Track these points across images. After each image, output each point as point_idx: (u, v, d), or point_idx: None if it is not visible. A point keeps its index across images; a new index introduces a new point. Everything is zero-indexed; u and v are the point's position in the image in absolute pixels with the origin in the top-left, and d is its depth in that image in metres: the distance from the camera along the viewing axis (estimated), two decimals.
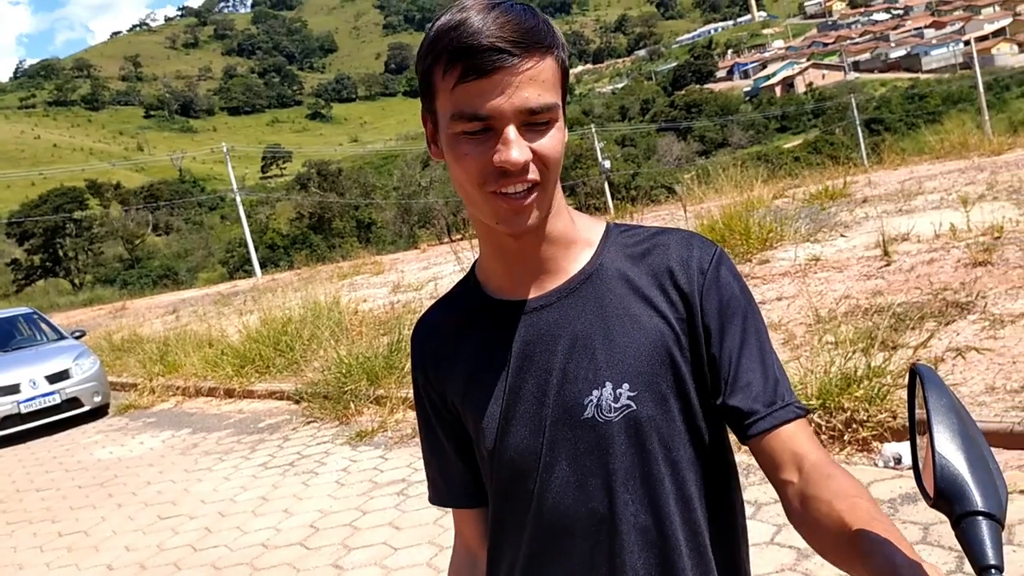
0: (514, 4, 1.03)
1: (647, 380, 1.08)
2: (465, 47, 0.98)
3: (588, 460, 1.10)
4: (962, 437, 0.81)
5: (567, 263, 1.15)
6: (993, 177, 10.24)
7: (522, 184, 1.02)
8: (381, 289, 14.40)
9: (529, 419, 1.12)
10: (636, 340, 1.09)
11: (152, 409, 10.03)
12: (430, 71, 1.04)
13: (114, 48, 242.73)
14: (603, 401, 1.08)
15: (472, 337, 1.18)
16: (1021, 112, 61.64)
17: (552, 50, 1.02)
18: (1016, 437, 3.88)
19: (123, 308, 26.19)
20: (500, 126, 1.00)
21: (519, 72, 0.98)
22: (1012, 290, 5.69)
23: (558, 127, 1.04)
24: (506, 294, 1.16)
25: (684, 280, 1.11)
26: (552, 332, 1.12)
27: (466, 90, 0.99)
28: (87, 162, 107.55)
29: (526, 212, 1.04)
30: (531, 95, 0.99)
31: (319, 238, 54.18)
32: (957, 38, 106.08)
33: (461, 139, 1.02)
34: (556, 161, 1.05)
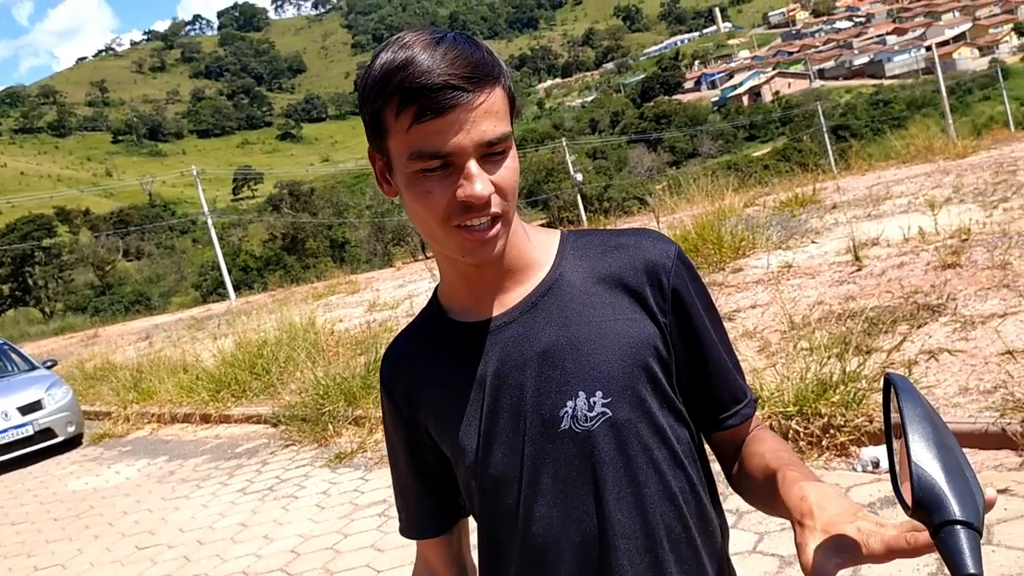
0: (456, 36, 1.03)
1: (621, 384, 1.09)
2: (417, 88, 0.97)
3: (570, 472, 1.10)
4: (938, 446, 0.81)
5: (526, 279, 1.15)
6: (959, 180, 10.40)
7: (486, 217, 1.02)
8: (357, 308, 14.34)
9: (508, 437, 1.12)
10: (604, 345, 1.10)
11: (127, 437, 9.90)
12: (380, 113, 1.02)
13: (80, 74, 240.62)
14: (578, 411, 1.09)
15: (441, 361, 1.18)
16: (984, 115, 62.80)
17: (499, 80, 1.03)
18: (991, 437, 3.93)
19: (95, 336, 25.87)
20: (461, 162, 1.00)
21: (474, 107, 0.99)
22: (981, 291, 5.76)
23: (512, 155, 1.05)
24: (470, 316, 1.17)
25: (644, 278, 1.13)
26: (520, 348, 1.12)
27: (423, 130, 0.99)
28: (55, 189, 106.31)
29: (491, 243, 1.04)
30: (487, 128, 1.00)
31: (293, 259, 53.90)
32: (918, 44, 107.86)
33: (421, 177, 1.02)
34: (514, 190, 1.06)
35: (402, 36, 1.03)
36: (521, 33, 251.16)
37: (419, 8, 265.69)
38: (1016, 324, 4.98)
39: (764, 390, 4.66)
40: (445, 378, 1.17)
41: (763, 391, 4.65)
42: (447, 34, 1.03)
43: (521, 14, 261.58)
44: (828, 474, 4.12)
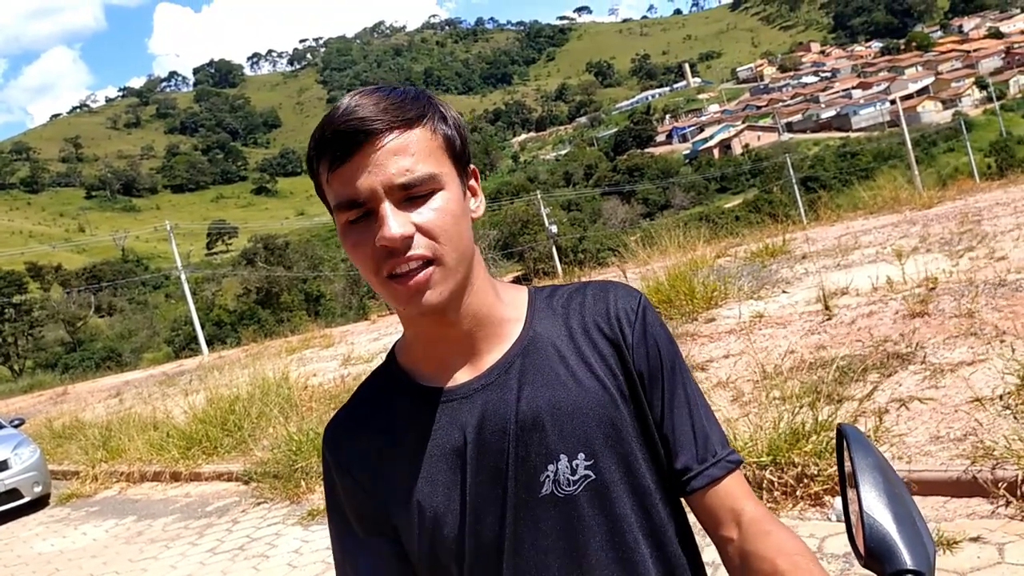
0: (384, 86, 1.03)
1: (603, 444, 1.06)
2: (327, 138, 0.98)
3: (555, 539, 1.06)
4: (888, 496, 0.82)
5: (498, 340, 1.11)
6: (925, 230, 10.59)
7: (413, 262, 0.98)
8: (331, 362, 14.23)
9: (490, 506, 1.07)
10: (583, 405, 1.06)
11: (95, 497, 9.69)
12: (313, 169, 1.04)
13: (54, 130, 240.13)
14: (560, 475, 1.05)
15: (409, 430, 1.11)
16: (949, 166, 64.26)
17: (418, 121, 1.00)
18: (962, 485, 3.95)
19: (64, 393, 25.43)
20: (375, 206, 0.98)
21: (379, 148, 0.97)
22: (949, 340, 5.84)
23: (446, 197, 1.00)
24: (440, 379, 1.11)
25: (613, 333, 1.10)
26: (498, 412, 1.07)
27: (337, 178, 0.99)
28: (27, 245, 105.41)
29: (422, 290, 0.99)
30: (395, 170, 0.97)
31: (267, 313, 53.49)
32: (883, 97, 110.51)
33: (349, 229, 1.01)
34: (448, 232, 1.00)
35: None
36: (495, 88, 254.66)
37: (394, 64, 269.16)
38: (984, 372, 5.04)
39: (738, 440, 4.66)
40: (417, 448, 1.10)
41: (737, 441, 4.66)
42: (374, 87, 1.02)
43: (495, 70, 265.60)
44: (803, 524, 4.12)
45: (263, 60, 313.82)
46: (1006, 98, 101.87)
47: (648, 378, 1.10)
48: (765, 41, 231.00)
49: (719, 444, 1.11)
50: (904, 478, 4.02)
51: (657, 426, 1.10)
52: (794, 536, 1.03)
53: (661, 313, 8.84)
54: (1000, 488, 3.78)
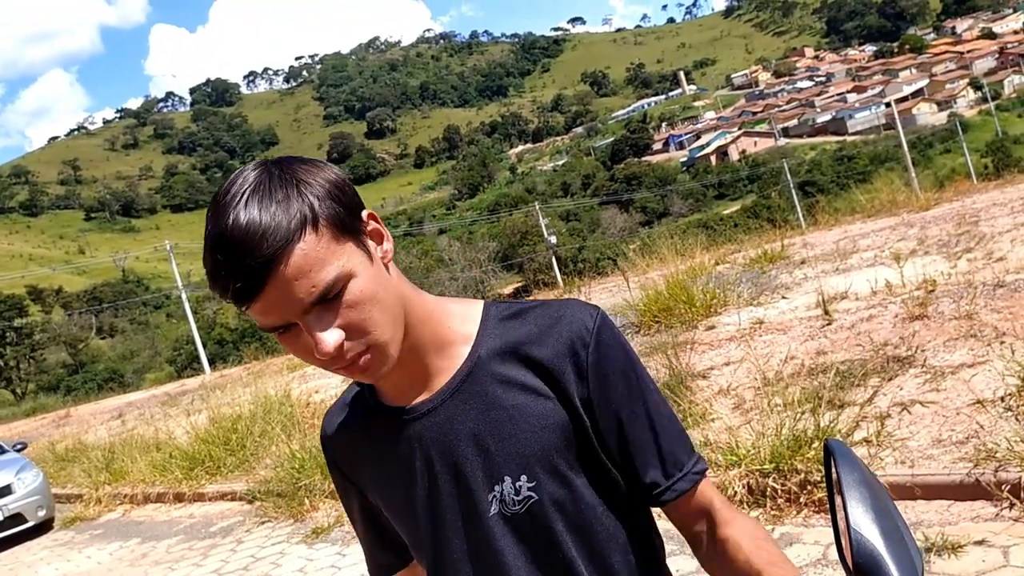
0: (249, 196, 0.95)
1: (545, 466, 1.08)
2: (221, 287, 0.96)
3: (504, 557, 1.10)
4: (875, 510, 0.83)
5: (448, 361, 1.13)
6: (923, 232, 10.59)
7: (351, 357, 1.00)
8: (333, 379, 14.21)
9: (444, 525, 1.13)
10: (526, 428, 1.09)
11: (99, 520, 9.67)
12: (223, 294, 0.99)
13: (52, 153, 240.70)
14: (505, 496, 1.09)
15: (372, 443, 1.19)
16: (946, 167, 64.38)
17: (299, 230, 0.95)
18: (965, 488, 3.94)
19: (67, 416, 25.42)
20: (299, 325, 0.98)
21: (281, 282, 0.94)
22: (949, 342, 5.83)
23: (356, 282, 0.99)
24: (398, 399, 1.16)
25: (563, 355, 1.10)
26: (444, 435, 1.11)
27: (251, 312, 0.98)
28: (27, 268, 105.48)
29: (367, 371, 1.03)
30: (304, 293, 0.95)
31: None
32: (878, 100, 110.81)
33: (283, 340, 1.01)
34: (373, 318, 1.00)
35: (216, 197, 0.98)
36: (491, 101, 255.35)
37: (389, 79, 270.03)
38: (985, 374, 5.03)
39: (740, 448, 4.66)
40: (380, 462, 1.18)
41: (739, 449, 4.65)
42: (240, 197, 0.95)
43: (491, 82, 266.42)
44: (807, 531, 4.11)
45: (259, 78, 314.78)
46: (1001, 98, 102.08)
47: (605, 399, 1.10)
48: (759, 47, 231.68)
49: (685, 455, 1.13)
50: (907, 482, 4.02)
51: (620, 444, 1.12)
52: (757, 523, 1.15)
53: (661, 322, 8.87)
54: (1004, 491, 3.77)
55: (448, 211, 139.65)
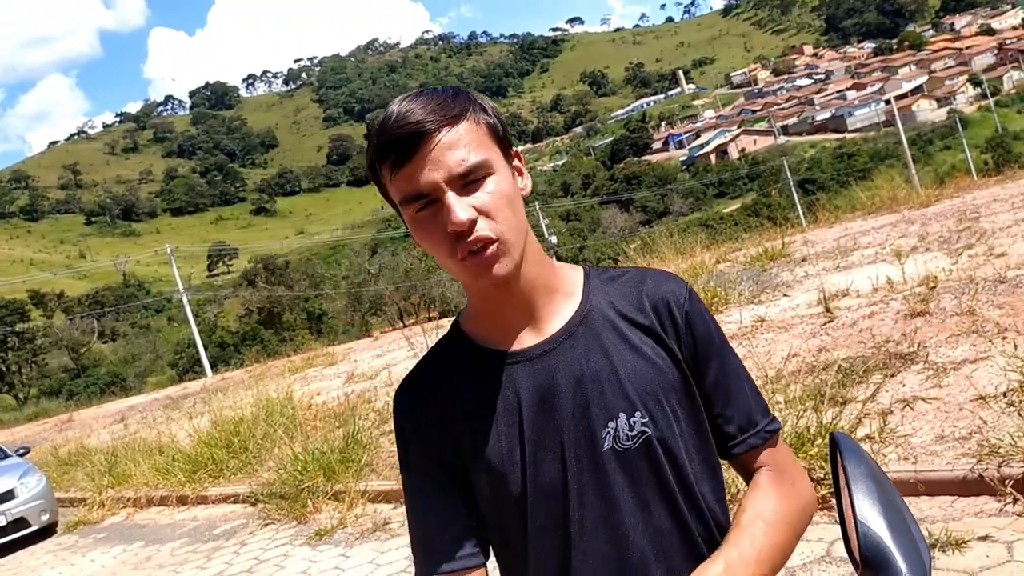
0: (427, 89, 1.16)
1: (656, 405, 1.18)
2: (386, 142, 1.11)
3: (615, 491, 1.17)
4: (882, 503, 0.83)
5: (557, 308, 1.23)
6: (924, 229, 10.59)
7: (479, 242, 1.10)
8: (335, 381, 14.23)
9: (552, 461, 1.18)
10: (639, 369, 1.19)
11: (102, 523, 9.67)
12: (374, 171, 1.17)
13: (52, 158, 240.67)
14: (620, 431, 1.17)
15: (472, 389, 1.22)
16: (946, 164, 64.32)
17: (462, 116, 1.12)
18: (969, 484, 3.94)
19: (69, 420, 25.40)
20: (439, 196, 1.10)
21: (434, 146, 1.09)
22: (951, 338, 5.83)
23: (496, 178, 1.13)
24: (501, 344, 1.23)
25: (668, 313, 1.23)
26: (559, 374, 1.19)
27: (400, 177, 1.11)
28: (28, 273, 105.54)
29: (490, 265, 1.12)
30: (453, 162, 1.09)
31: (270, 333, 53.48)
32: (878, 98, 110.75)
33: (417, 220, 1.13)
34: (504, 209, 1.13)
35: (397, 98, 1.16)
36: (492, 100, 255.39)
37: (389, 81, 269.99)
38: (987, 369, 5.04)
39: None
40: (479, 406, 1.21)
41: None
42: (418, 90, 1.15)
43: (490, 83, 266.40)
44: (811, 528, 4.10)
45: (258, 81, 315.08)
46: (1000, 94, 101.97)
47: (696, 355, 1.23)
48: (758, 45, 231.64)
49: (760, 414, 1.26)
50: (911, 478, 4.02)
51: (706, 397, 1.24)
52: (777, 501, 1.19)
53: None
54: (1007, 486, 3.77)
55: None
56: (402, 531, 6.15)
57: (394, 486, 6.89)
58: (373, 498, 6.94)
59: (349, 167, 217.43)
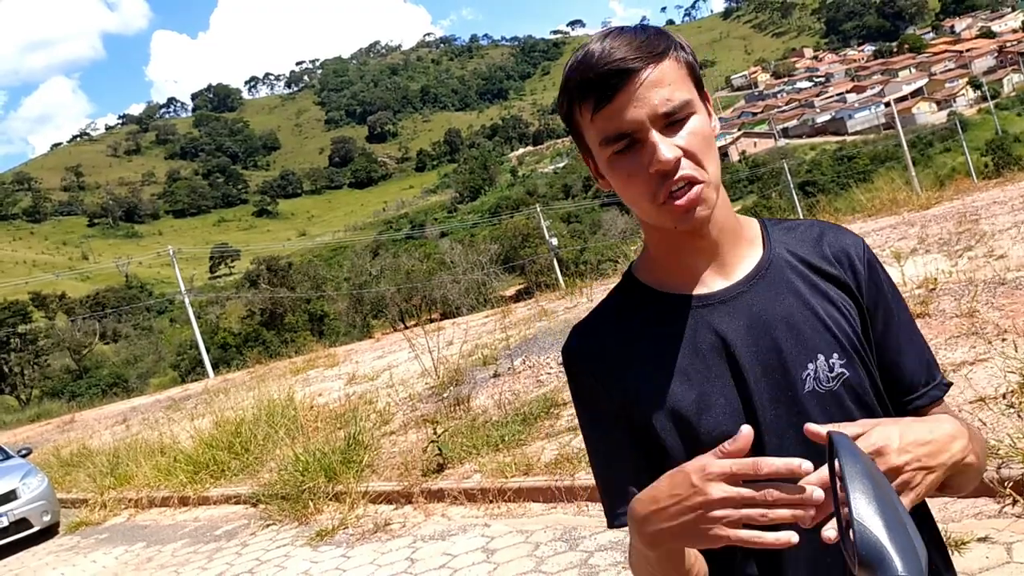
0: (625, 27, 1.13)
1: (850, 348, 1.17)
2: (587, 81, 1.09)
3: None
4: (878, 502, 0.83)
5: (742, 253, 1.22)
6: (924, 231, 10.59)
7: (682, 181, 1.08)
8: (336, 382, 14.24)
9: (754, 400, 1.15)
10: (832, 314, 1.18)
11: (104, 524, 9.69)
12: (570, 112, 1.16)
13: (55, 159, 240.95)
14: (820, 373, 1.15)
15: (656, 335, 1.20)
16: (946, 166, 64.29)
17: (666, 54, 1.10)
18: None
19: (71, 421, 25.41)
20: (643, 136, 1.08)
21: (639, 84, 1.07)
22: (951, 340, 5.85)
23: (698, 118, 1.11)
24: (687, 289, 1.21)
25: (849, 262, 1.23)
26: (754, 316, 1.18)
27: (603, 116, 1.09)
28: (30, 274, 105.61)
29: (693, 207, 1.09)
30: (658, 100, 1.08)
31: (272, 334, 53.47)
32: (878, 100, 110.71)
33: (616, 160, 1.11)
34: (705, 152, 1.11)
35: (592, 37, 1.15)
36: (491, 104, 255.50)
37: (391, 83, 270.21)
38: (986, 371, 5.05)
39: None
40: (666, 350, 1.19)
41: None
42: (617, 28, 1.13)
43: (491, 85, 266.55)
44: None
45: (261, 83, 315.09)
46: (1000, 97, 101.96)
47: (877, 306, 1.22)
48: (758, 48, 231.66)
49: (937, 368, 1.26)
50: None
51: (885, 349, 1.22)
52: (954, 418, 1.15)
53: None
54: (1007, 487, 3.79)
55: (450, 214, 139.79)
56: (403, 532, 6.17)
57: (396, 487, 6.91)
58: (374, 499, 6.97)
59: (351, 169, 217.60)
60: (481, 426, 7.62)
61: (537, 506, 5.83)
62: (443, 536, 5.84)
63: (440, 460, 6.97)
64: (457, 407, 8.60)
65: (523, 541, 5.33)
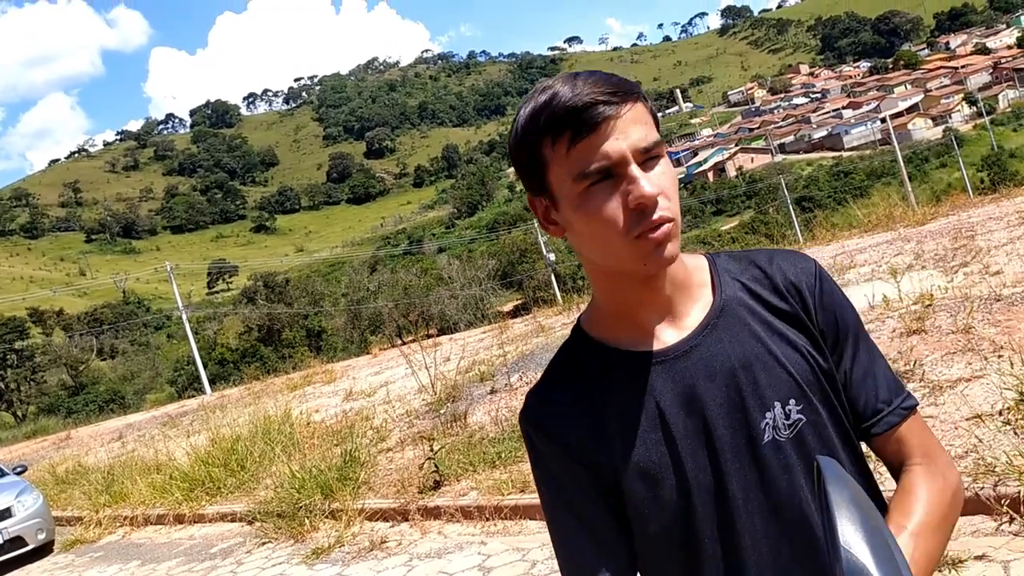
0: (590, 71, 1.13)
1: (806, 392, 1.16)
2: (569, 111, 1.07)
3: (779, 483, 1.15)
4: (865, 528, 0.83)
5: (693, 301, 1.20)
6: (920, 246, 10.61)
7: (660, 221, 1.07)
8: (333, 398, 14.21)
9: (710, 460, 1.14)
10: (786, 356, 1.17)
11: (99, 542, 9.64)
12: (537, 148, 1.11)
13: (53, 176, 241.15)
14: (777, 421, 1.14)
15: (613, 396, 1.18)
16: (943, 182, 64.51)
17: (638, 96, 1.11)
18: (965, 503, 3.92)
19: (67, 438, 25.33)
20: (623, 170, 1.07)
21: (622, 116, 1.07)
22: (947, 356, 5.85)
23: (666, 162, 1.12)
24: (638, 345, 1.18)
25: (799, 294, 1.21)
26: (709, 368, 1.16)
27: (582, 148, 1.07)
28: (27, 290, 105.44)
29: (664, 244, 1.08)
30: (640, 135, 1.08)
31: (269, 350, 53.40)
32: (874, 116, 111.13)
33: (589, 194, 1.08)
34: (674, 193, 1.11)
35: (539, 84, 1.13)
36: (489, 120, 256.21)
37: (388, 99, 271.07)
38: (982, 387, 5.05)
39: None
40: (626, 410, 1.17)
41: None
42: (584, 71, 1.12)
43: (489, 101, 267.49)
44: None
45: (259, 100, 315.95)
46: (996, 113, 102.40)
47: (830, 335, 1.20)
48: (754, 65, 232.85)
49: (895, 392, 1.22)
50: None
51: (841, 377, 1.21)
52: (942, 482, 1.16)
53: None
54: (1003, 505, 3.77)
55: (447, 230, 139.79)
56: (399, 550, 6.14)
57: (392, 504, 6.89)
58: (370, 516, 6.94)
59: (349, 185, 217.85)
60: (478, 443, 7.60)
61: (534, 524, 5.81)
62: (439, 554, 5.82)
63: (437, 477, 6.95)
64: (454, 424, 8.58)
65: (520, 559, 5.31)
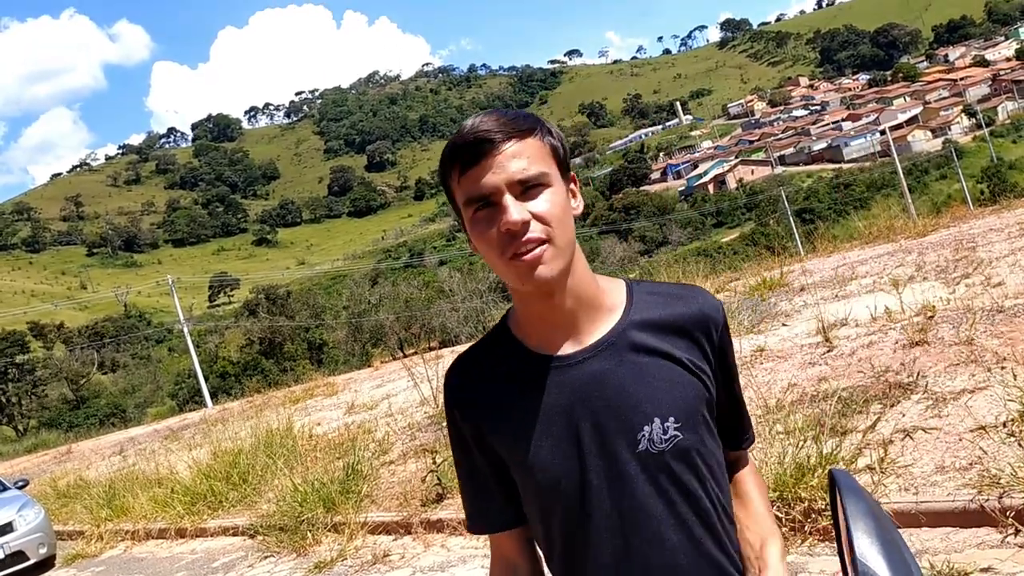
0: (500, 109, 1.29)
1: (687, 414, 1.30)
2: (457, 147, 1.24)
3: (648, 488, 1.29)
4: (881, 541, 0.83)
5: (598, 321, 1.33)
6: (921, 258, 10.61)
7: (531, 243, 1.21)
8: (335, 411, 14.18)
9: (590, 461, 1.29)
10: (672, 381, 1.31)
11: (100, 557, 9.61)
12: (447, 176, 1.28)
13: (55, 190, 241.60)
14: (654, 435, 1.28)
15: (516, 388, 1.34)
16: (943, 194, 64.54)
17: (530, 132, 1.25)
18: (970, 515, 3.93)
19: (68, 452, 25.29)
20: (498, 199, 1.21)
21: (500, 152, 1.21)
22: (950, 368, 5.84)
23: (553, 191, 1.25)
24: (548, 348, 1.33)
25: (700, 330, 1.35)
26: (599, 380, 1.29)
27: (467, 179, 1.23)
28: (29, 304, 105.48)
29: (536, 264, 1.21)
30: (515, 169, 1.21)
31: (271, 363, 53.35)
32: (873, 128, 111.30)
33: (476, 220, 1.24)
34: (557, 218, 1.23)
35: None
36: None
37: (389, 113, 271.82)
38: (986, 399, 5.04)
39: None
40: (521, 405, 1.33)
41: None
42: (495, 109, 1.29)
43: None
44: (812, 560, 4.10)
45: (260, 113, 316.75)
46: (995, 124, 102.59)
47: (721, 373, 1.39)
48: (754, 77, 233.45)
49: (751, 425, 1.51)
50: (911, 509, 4.01)
51: (722, 407, 1.40)
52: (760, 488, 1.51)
53: None
54: (1008, 517, 3.77)
55: (448, 242, 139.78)
56: (402, 563, 6.13)
57: (395, 517, 6.87)
58: (373, 529, 6.92)
59: (350, 198, 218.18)
60: None
61: None
62: (442, 567, 5.80)
63: (440, 490, 6.93)
64: None
65: None
